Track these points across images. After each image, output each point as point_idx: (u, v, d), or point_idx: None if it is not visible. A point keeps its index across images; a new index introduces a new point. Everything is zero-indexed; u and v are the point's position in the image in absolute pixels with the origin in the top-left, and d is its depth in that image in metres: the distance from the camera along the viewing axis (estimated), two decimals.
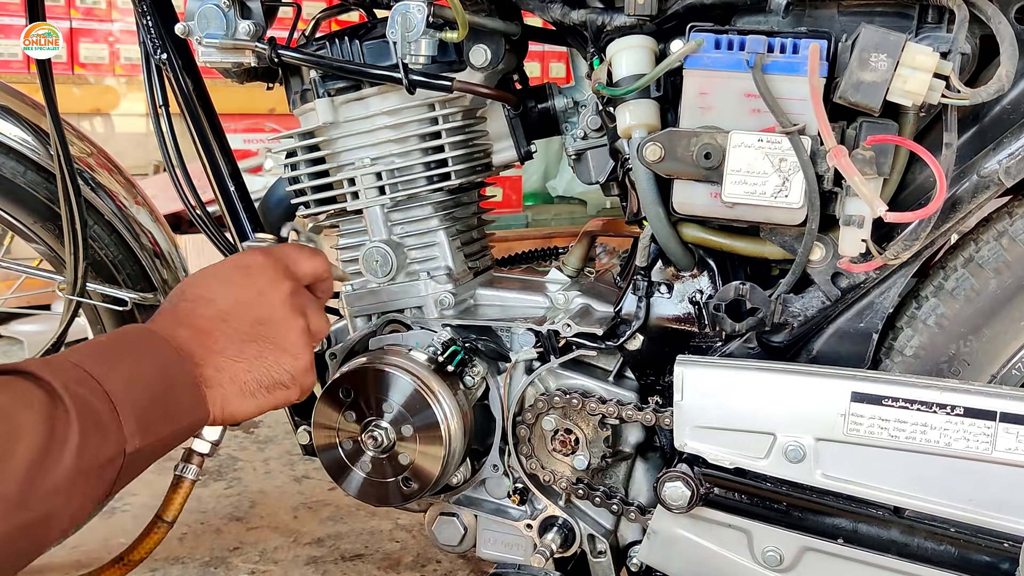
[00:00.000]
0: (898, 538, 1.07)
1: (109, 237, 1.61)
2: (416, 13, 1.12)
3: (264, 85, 1.38)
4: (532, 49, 1.41)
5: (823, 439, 1.04)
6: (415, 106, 1.22)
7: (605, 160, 1.26)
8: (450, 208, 1.29)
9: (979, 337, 1.07)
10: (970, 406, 0.98)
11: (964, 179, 1.02)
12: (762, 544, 1.11)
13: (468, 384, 1.23)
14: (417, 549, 1.99)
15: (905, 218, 0.95)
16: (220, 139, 1.38)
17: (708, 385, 1.09)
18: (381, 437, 1.18)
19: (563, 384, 1.24)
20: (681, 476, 1.11)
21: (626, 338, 1.18)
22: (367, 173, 1.24)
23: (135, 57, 1.32)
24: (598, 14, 1.09)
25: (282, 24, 1.39)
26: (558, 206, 4.24)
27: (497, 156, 1.34)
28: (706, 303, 1.13)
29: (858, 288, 1.08)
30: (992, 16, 0.96)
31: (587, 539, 1.27)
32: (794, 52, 0.97)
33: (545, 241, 2.92)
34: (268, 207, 1.48)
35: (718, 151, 1.00)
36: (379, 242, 1.26)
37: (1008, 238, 1.05)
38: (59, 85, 1.41)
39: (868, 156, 0.95)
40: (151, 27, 1.30)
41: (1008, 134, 1.01)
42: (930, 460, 1.00)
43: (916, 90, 0.93)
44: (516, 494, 1.29)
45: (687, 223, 1.11)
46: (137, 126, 4.01)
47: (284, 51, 1.21)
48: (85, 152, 1.61)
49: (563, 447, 1.23)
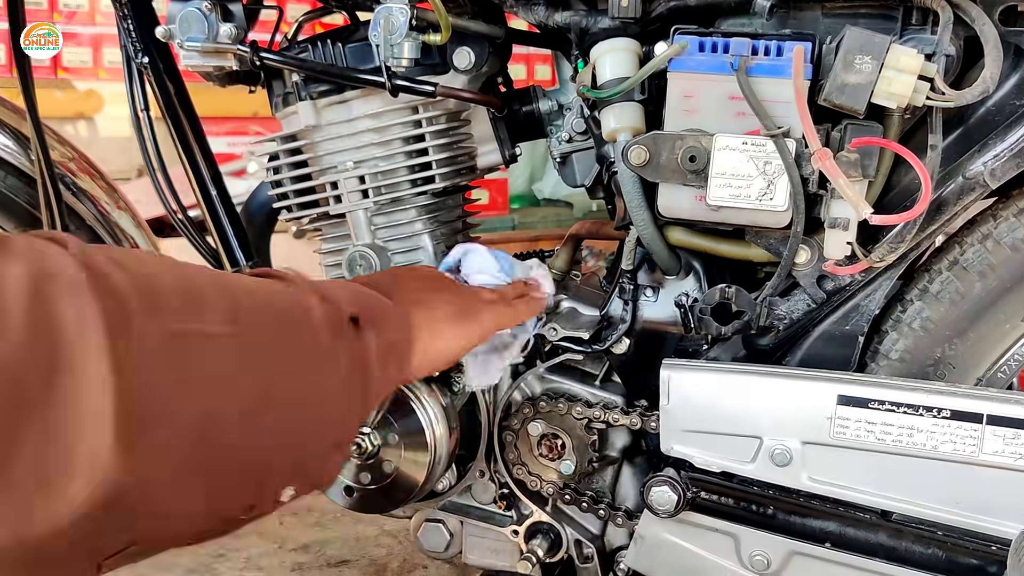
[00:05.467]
0: (886, 542, 1.07)
1: (91, 242, 1.59)
2: (399, 16, 1.11)
3: (246, 88, 1.37)
4: (517, 51, 1.40)
5: (810, 442, 1.04)
6: (398, 109, 1.22)
7: (590, 163, 1.25)
8: (434, 211, 1.29)
9: (964, 340, 1.07)
10: (957, 409, 0.98)
11: (949, 181, 1.02)
12: (749, 548, 1.10)
13: (453, 389, 1.22)
14: (403, 555, 1.98)
15: (890, 220, 0.95)
16: (202, 143, 1.37)
17: (694, 389, 1.08)
18: (365, 444, 1.17)
19: (549, 388, 1.23)
20: (668, 480, 1.10)
21: (612, 342, 1.17)
22: (350, 176, 1.23)
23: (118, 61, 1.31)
24: (582, 17, 1.09)
25: (264, 27, 1.37)
26: (544, 209, 4.23)
27: (482, 159, 1.33)
28: (692, 306, 1.12)
29: (843, 291, 1.08)
30: (976, 18, 0.96)
31: (574, 545, 1.26)
32: (778, 54, 0.97)
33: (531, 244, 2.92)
34: (250, 211, 1.47)
35: (703, 154, 1.00)
36: (363, 246, 1.25)
37: (993, 241, 1.05)
38: (41, 89, 1.39)
39: (853, 158, 0.95)
40: (132, 30, 1.28)
41: (993, 136, 1.01)
42: (917, 463, 1.00)
43: (901, 92, 0.92)
44: (502, 500, 1.28)
45: (673, 226, 1.11)
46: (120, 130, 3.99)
47: (266, 54, 1.20)
48: (66, 157, 1.59)
49: (549, 452, 1.22)
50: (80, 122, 4.00)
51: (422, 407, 1.16)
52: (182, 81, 1.36)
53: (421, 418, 1.16)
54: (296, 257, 1.79)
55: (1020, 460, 0.96)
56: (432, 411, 1.17)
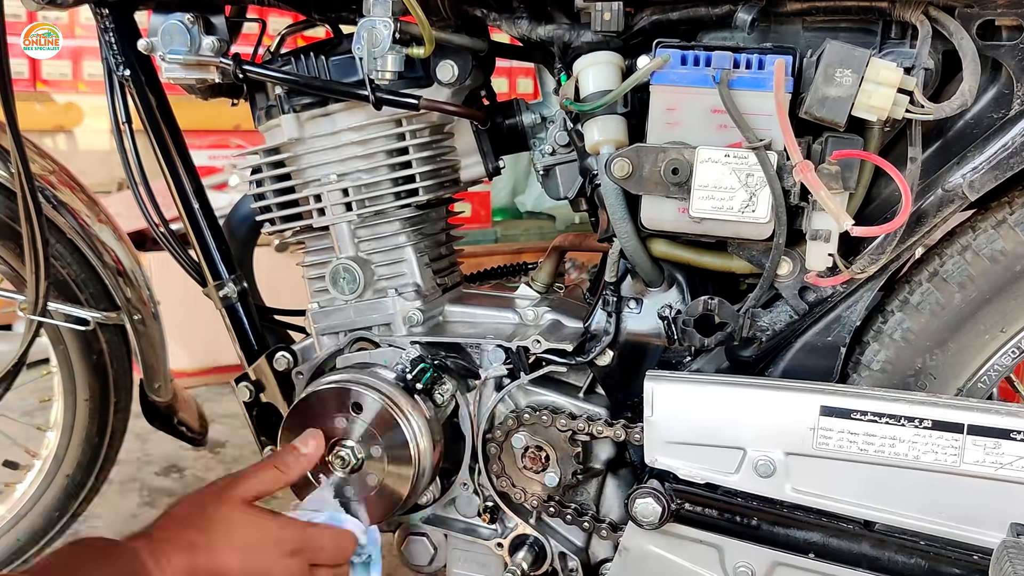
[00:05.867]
0: (869, 552, 1.07)
1: (71, 256, 1.58)
2: (382, 29, 1.11)
3: (228, 101, 1.37)
4: (500, 65, 1.41)
5: (793, 453, 1.04)
6: (382, 122, 1.22)
7: (573, 176, 1.25)
8: (418, 224, 1.29)
9: (945, 351, 1.08)
10: (938, 419, 0.98)
11: (929, 193, 1.03)
12: (733, 560, 1.10)
13: (437, 402, 1.22)
14: (387, 570, 1.95)
15: (871, 232, 0.96)
16: (184, 156, 1.36)
17: (678, 400, 1.08)
18: (349, 457, 1.17)
19: (533, 401, 1.23)
20: (652, 492, 1.10)
21: (596, 354, 1.18)
22: (333, 189, 1.23)
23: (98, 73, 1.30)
24: (565, 30, 1.09)
25: (247, 40, 1.37)
26: (527, 221, 4.24)
27: (465, 172, 1.33)
28: (675, 318, 1.13)
29: (825, 302, 1.09)
30: (954, 32, 0.97)
31: (558, 557, 1.26)
32: (760, 68, 0.97)
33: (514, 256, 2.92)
34: (232, 224, 1.47)
35: (685, 166, 1.00)
36: (346, 259, 1.25)
37: (972, 252, 1.06)
38: (21, 102, 1.39)
39: (834, 171, 0.95)
40: (114, 43, 1.28)
41: (971, 148, 1.02)
42: (899, 473, 1.01)
43: (881, 105, 0.93)
44: (486, 513, 1.28)
45: (656, 238, 1.11)
46: (101, 143, 3.97)
47: (249, 67, 1.20)
48: (47, 170, 1.58)
49: (533, 464, 1.22)
50: (60, 135, 3.97)
51: (406, 420, 1.16)
52: (164, 94, 1.35)
53: (405, 431, 1.16)
54: (279, 271, 1.79)
55: (1001, 470, 0.97)
56: (416, 424, 1.17)
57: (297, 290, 1.36)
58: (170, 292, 1.81)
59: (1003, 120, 1.01)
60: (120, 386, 1.70)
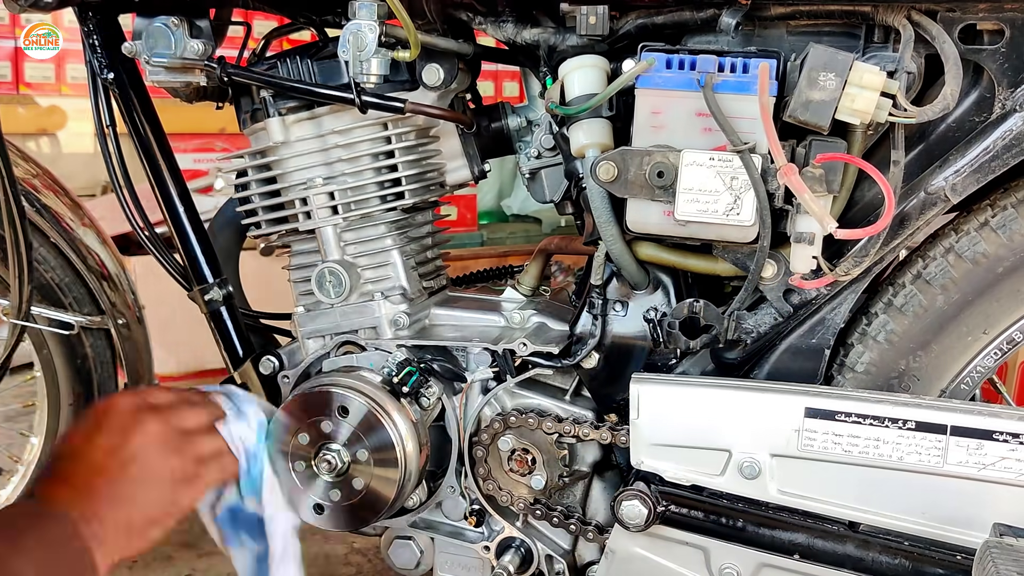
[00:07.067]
0: (853, 552, 1.08)
1: (55, 260, 1.57)
2: (368, 32, 1.11)
3: (213, 104, 1.36)
4: (486, 68, 1.41)
5: (778, 455, 1.05)
6: (368, 125, 1.22)
7: (559, 179, 1.26)
8: (404, 227, 1.28)
9: (928, 352, 1.09)
10: (921, 420, 0.99)
11: (912, 196, 1.03)
12: (719, 561, 1.11)
13: (424, 405, 1.22)
14: (373, 574, 1.96)
15: (855, 235, 0.97)
16: (168, 159, 1.35)
17: (663, 403, 1.09)
18: (335, 460, 1.17)
19: (519, 404, 1.23)
20: (638, 494, 1.10)
21: (582, 357, 1.18)
22: (319, 192, 1.23)
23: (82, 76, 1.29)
24: (550, 34, 1.10)
25: (232, 43, 1.37)
26: (513, 224, 4.24)
27: (451, 175, 1.33)
28: (660, 320, 1.13)
29: (809, 304, 1.09)
30: (937, 36, 0.97)
31: (545, 560, 1.26)
32: (744, 71, 0.98)
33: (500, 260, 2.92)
34: (217, 228, 1.46)
35: (670, 169, 1.01)
36: (332, 262, 1.24)
37: (955, 254, 1.06)
38: (3, 105, 1.38)
39: (818, 174, 0.96)
40: (98, 46, 1.27)
41: (954, 151, 1.03)
42: (883, 474, 1.01)
43: (864, 108, 0.94)
44: (473, 516, 1.28)
45: (641, 241, 1.12)
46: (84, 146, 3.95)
47: (234, 70, 1.19)
48: (30, 173, 1.57)
49: (520, 467, 1.22)
50: (43, 138, 3.95)
51: (392, 423, 1.16)
52: (148, 97, 1.34)
53: (391, 434, 1.16)
54: (265, 274, 1.78)
55: (984, 470, 0.98)
56: (402, 427, 1.17)
57: (283, 294, 1.35)
58: (155, 296, 1.81)
59: (985, 124, 1.02)
60: (105, 391, 1.69)
